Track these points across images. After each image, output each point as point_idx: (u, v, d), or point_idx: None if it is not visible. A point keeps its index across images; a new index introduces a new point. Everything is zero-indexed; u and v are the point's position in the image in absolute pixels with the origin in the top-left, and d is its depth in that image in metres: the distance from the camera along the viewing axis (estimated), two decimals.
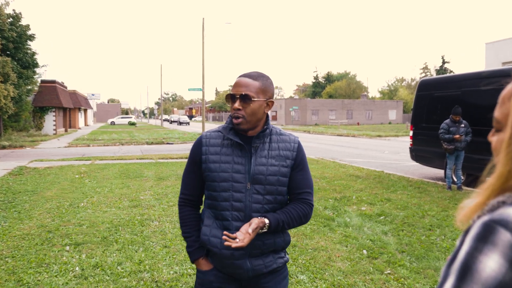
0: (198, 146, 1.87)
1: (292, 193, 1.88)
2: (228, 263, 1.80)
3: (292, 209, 1.84)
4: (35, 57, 25.27)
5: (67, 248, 4.75)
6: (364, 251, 4.63)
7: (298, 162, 1.87)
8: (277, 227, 1.78)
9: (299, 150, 1.88)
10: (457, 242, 0.76)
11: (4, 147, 19.12)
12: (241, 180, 1.78)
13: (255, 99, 1.76)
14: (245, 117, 1.76)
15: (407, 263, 4.30)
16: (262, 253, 1.83)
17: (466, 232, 0.74)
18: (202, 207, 1.97)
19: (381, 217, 6.08)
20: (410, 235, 5.26)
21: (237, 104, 1.75)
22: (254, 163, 1.79)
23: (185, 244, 4.84)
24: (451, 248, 4.76)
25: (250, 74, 1.81)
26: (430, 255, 4.50)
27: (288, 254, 2.00)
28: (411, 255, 4.52)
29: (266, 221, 1.75)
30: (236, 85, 1.78)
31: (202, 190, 1.92)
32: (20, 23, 23.93)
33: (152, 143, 22.24)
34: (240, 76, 1.81)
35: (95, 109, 71.58)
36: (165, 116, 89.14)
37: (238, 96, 1.75)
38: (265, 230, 1.75)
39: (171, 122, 70.41)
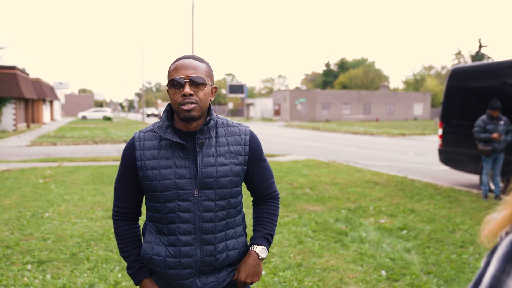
0: (131, 151, 1.86)
1: (258, 189, 1.98)
2: (175, 284, 1.83)
3: (268, 214, 2.00)
4: None
5: (29, 266, 4.75)
6: (383, 272, 4.65)
7: (255, 156, 1.92)
8: (271, 243, 1.97)
9: (252, 142, 1.92)
10: (482, 263, 0.76)
11: None
12: (187, 186, 1.79)
13: (207, 82, 1.79)
14: (198, 103, 1.77)
15: (434, 286, 4.32)
16: (215, 270, 1.86)
17: (493, 251, 0.74)
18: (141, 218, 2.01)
19: (404, 232, 6.11)
20: (438, 253, 5.28)
21: (188, 89, 1.74)
22: (201, 165, 1.79)
23: None
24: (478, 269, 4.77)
25: (192, 56, 1.84)
26: (461, 277, 4.51)
27: None
28: (439, 277, 4.54)
29: (261, 253, 1.92)
30: (182, 67, 1.78)
31: (139, 200, 1.94)
32: None
33: None
34: (182, 59, 1.82)
35: (63, 101, 71.61)
36: (151, 110, 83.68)
37: (187, 80, 1.75)
38: (266, 255, 1.94)
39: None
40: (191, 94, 1.74)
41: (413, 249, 5.41)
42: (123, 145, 20.82)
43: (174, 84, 1.76)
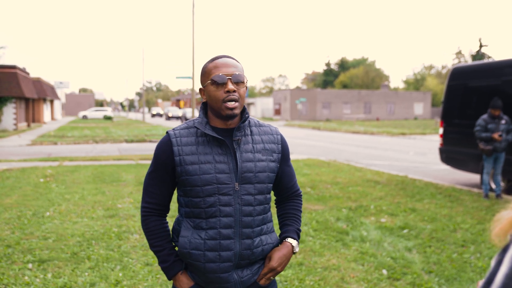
0: (167, 147, 1.88)
1: (285, 188, 2.04)
2: (214, 277, 1.86)
3: (295, 211, 2.06)
4: None
5: (30, 265, 4.75)
6: (384, 271, 4.64)
7: (285, 155, 2.02)
8: (299, 237, 2.03)
9: (283, 141, 2.02)
10: (493, 262, 0.75)
11: None
12: (227, 181, 1.83)
13: (246, 81, 1.86)
14: (239, 100, 1.83)
15: (435, 285, 4.31)
16: (250, 264, 1.91)
17: (505, 250, 0.73)
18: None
19: (405, 231, 6.10)
20: (439, 252, 5.27)
21: (232, 86, 1.80)
22: (240, 160, 1.85)
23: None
24: (488, 268, 4.77)
25: (228, 55, 1.90)
26: (462, 276, 4.51)
27: None
28: (440, 276, 4.53)
29: (292, 240, 1.98)
30: (223, 65, 1.83)
31: (170, 197, 1.96)
32: None
33: (132, 141, 22.26)
34: (220, 58, 1.87)
35: (63, 100, 71.61)
36: (156, 109, 76.81)
37: (230, 77, 1.81)
38: (297, 250, 1.98)
39: (169, 118, 56.21)
40: (234, 91, 1.80)
41: (414, 248, 5.40)
42: (124, 145, 20.82)
43: (216, 81, 1.81)
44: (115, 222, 6.49)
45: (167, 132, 1.91)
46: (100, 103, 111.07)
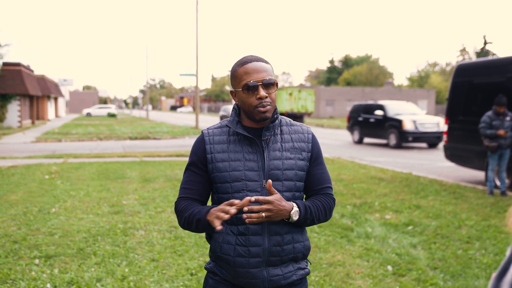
0: (200, 145, 1.95)
1: (312, 190, 1.99)
2: (243, 272, 1.87)
3: (316, 200, 1.94)
4: None
5: (36, 261, 4.79)
6: (389, 267, 4.65)
7: (315, 155, 1.99)
8: (306, 216, 1.86)
9: (314, 141, 2.00)
10: (509, 251, 0.75)
11: None
12: (255, 178, 1.87)
13: (277, 83, 1.89)
14: (271, 103, 1.87)
15: (440, 281, 4.32)
16: (282, 262, 1.91)
17: None
18: None
19: (409, 227, 6.10)
20: (443, 248, 5.28)
21: (264, 92, 1.83)
22: (268, 158, 1.88)
23: (176, 258, 4.88)
24: (493, 265, 4.77)
25: (257, 57, 1.91)
26: (467, 273, 4.51)
27: (310, 264, 2.07)
28: (445, 272, 4.54)
29: (295, 206, 1.82)
30: (254, 71, 1.85)
31: (207, 195, 1.98)
32: None
33: (136, 138, 22.31)
34: (250, 61, 1.88)
35: (67, 98, 71.76)
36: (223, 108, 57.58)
37: (261, 83, 1.84)
38: (295, 219, 1.83)
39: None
40: (266, 97, 1.84)
41: (419, 244, 5.41)
42: (127, 142, 20.87)
43: (249, 88, 1.83)
44: (120, 218, 6.52)
45: (202, 131, 1.97)
46: (104, 101, 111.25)
